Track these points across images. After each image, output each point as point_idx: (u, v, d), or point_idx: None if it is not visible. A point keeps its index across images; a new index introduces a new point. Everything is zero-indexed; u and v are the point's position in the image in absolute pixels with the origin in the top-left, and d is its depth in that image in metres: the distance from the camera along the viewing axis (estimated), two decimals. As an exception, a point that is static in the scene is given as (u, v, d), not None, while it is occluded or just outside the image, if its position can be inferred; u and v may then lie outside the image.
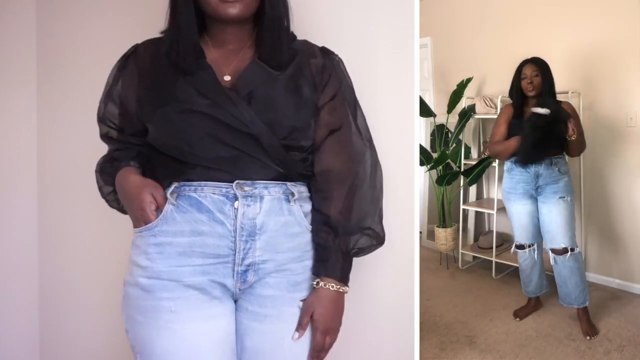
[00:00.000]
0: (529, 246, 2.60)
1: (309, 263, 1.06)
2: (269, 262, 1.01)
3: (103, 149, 1.20)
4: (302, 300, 1.04)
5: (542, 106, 2.34)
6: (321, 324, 1.04)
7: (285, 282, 1.03)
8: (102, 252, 1.66)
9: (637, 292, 3.00)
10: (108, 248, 1.64)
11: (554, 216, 2.45)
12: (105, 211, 1.22)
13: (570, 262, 2.44)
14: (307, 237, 1.06)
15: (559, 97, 2.56)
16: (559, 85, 2.57)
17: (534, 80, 2.45)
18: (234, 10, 0.99)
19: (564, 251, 2.43)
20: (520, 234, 2.62)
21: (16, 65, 1.77)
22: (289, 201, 1.03)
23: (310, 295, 1.05)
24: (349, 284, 1.09)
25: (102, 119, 1.13)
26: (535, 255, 2.61)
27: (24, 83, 1.79)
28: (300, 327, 1.04)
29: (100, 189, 1.15)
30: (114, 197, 1.13)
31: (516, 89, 2.54)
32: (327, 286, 1.04)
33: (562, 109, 2.37)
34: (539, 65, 2.47)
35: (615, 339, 2.46)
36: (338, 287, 1.05)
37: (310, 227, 1.07)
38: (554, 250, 2.47)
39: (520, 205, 2.56)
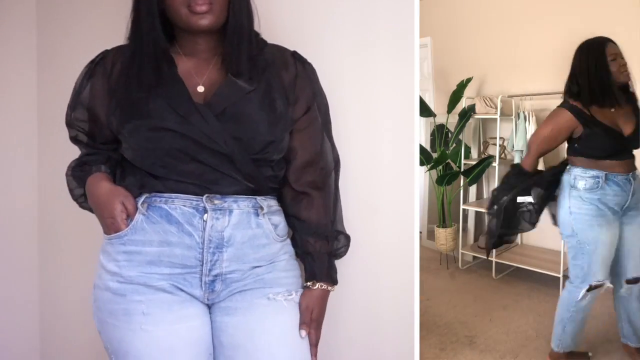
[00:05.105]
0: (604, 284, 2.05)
1: (277, 264, 1.07)
2: (235, 272, 1.03)
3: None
4: (273, 295, 1.05)
5: None
6: (316, 321, 1.10)
7: (252, 281, 1.04)
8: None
9: (637, 292, 3.00)
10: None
11: (638, 239, 2.02)
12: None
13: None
14: (275, 247, 1.07)
15: (560, 97, 2.54)
16: (559, 85, 2.56)
17: (626, 62, 1.93)
18: (205, 21, 0.99)
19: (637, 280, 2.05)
20: (604, 270, 2.01)
21: (16, 64, 1.77)
22: (258, 215, 1.05)
23: (306, 296, 1.10)
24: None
25: (70, 123, 1.14)
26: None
27: (24, 83, 1.78)
28: (304, 324, 1.08)
29: (71, 191, 1.16)
30: (84, 199, 1.14)
31: (602, 75, 1.93)
32: (322, 287, 1.10)
33: None
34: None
35: (615, 339, 2.45)
36: (330, 287, 1.12)
37: (280, 237, 1.08)
38: (631, 281, 2.06)
39: (611, 231, 1.97)
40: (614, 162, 1.95)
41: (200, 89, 1.04)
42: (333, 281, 1.13)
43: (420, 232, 3.58)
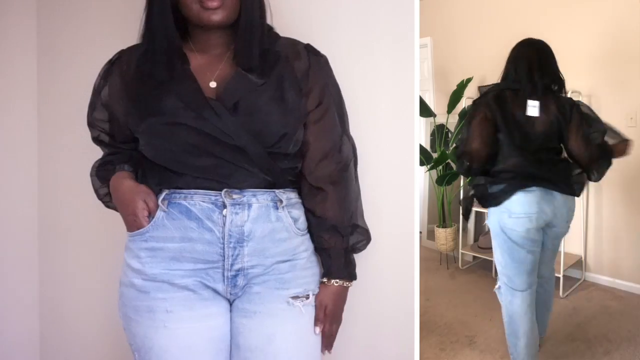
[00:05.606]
0: None
1: (297, 262, 1.07)
2: (257, 267, 1.03)
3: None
4: (292, 298, 1.05)
5: None
6: (331, 317, 1.10)
7: (272, 280, 1.04)
8: (103, 252, 1.66)
9: (637, 292, 3.00)
10: (108, 248, 1.64)
11: None
12: (106, 211, 1.22)
13: None
14: (296, 241, 1.07)
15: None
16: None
17: None
18: (217, 17, 0.99)
19: None
20: None
21: (16, 65, 1.77)
22: (277, 208, 1.05)
23: (321, 292, 1.10)
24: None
25: (91, 124, 1.16)
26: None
27: (24, 83, 1.79)
28: (318, 321, 1.09)
29: (96, 191, 1.17)
30: (109, 198, 1.15)
31: None
32: (337, 284, 1.10)
33: None
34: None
35: (615, 339, 2.46)
36: (347, 284, 1.12)
37: (300, 231, 1.08)
38: None
39: None
40: None
41: (213, 84, 1.04)
42: (351, 277, 1.12)
43: (420, 232, 3.59)
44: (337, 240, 1.10)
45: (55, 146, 1.77)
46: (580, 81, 3.04)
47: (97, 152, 1.22)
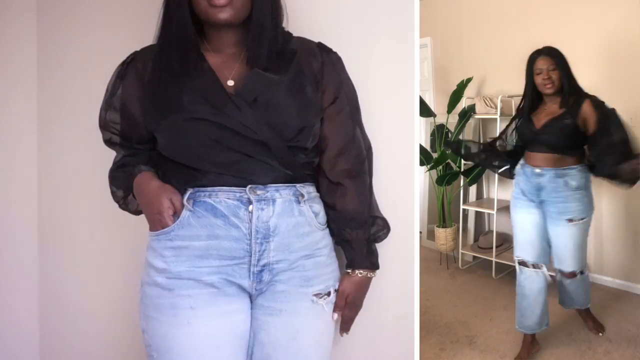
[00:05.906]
0: (534, 266, 2.18)
1: (319, 259, 1.08)
2: (282, 262, 1.04)
3: (103, 149, 1.20)
4: (314, 295, 1.07)
5: (562, 104, 2.14)
6: (352, 303, 1.14)
7: (297, 278, 1.05)
8: (103, 251, 1.66)
9: (637, 292, 3.00)
10: (108, 248, 1.64)
11: (563, 241, 2.15)
12: (106, 213, 1.22)
13: (576, 283, 2.28)
14: (317, 235, 1.08)
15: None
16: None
17: (551, 75, 2.13)
18: (224, 15, 1.00)
19: (571, 275, 2.22)
20: (524, 249, 2.22)
21: (16, 65, 1.77)
22: (299, 202, 1.06)
23: (344, 281, 1.13)
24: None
25: (103, 126, 1.16)
26: (544, 279, 2.19)
27: (24, 83, 1.78)
28: (337, 308, 1.12)
29: (113, 193, 1.18)
30: (124, 201, 1.17)
31: (531, 86, 2.20)
32: (361, 274, 1.13)
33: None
34: (555, 57, 2.16)
35: (615, 339, 2.46)
36: (371, 274, 1.15)
37: (321, 226, 1.10)
38: (562, 272, 2.26)
39: (525, 214, 2.22)
40: (528, 154, 2.25)
41: (230, 82, 1.04)
42: (373, 266, 1.14)
43: (420, 232, 3.58)
44: (359, 231, 1.12)
45: (56, 147, 1.77)
46: (580, 81, 3.03)
47: (98, 153, 1.22)
